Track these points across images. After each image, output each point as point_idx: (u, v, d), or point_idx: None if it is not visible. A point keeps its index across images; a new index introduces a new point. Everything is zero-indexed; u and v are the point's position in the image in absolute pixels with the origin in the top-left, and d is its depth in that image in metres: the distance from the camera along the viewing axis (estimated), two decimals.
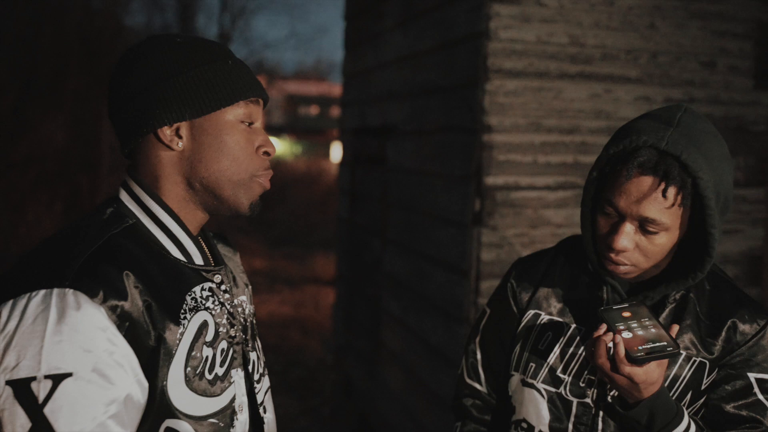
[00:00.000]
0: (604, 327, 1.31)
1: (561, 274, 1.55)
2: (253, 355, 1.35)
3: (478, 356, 1.64)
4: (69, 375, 1.06)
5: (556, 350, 1.48)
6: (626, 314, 1.32)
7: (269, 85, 26.72)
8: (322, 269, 10.94)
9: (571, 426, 1.44)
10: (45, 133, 13.58)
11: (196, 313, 1.21)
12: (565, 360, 1.47)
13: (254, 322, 1.40)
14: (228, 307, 1.29)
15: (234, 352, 1.28)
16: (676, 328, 1.35)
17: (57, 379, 1.06)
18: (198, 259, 1.28)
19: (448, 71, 3.92)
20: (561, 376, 1.46)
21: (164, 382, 1.15)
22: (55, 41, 14.16)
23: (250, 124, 1.27)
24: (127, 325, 1.12)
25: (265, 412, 1.36)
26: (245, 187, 1.26)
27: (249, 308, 1.39)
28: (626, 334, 1.28)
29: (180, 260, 1.24)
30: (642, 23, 3.63)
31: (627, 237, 1.35)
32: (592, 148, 3.59)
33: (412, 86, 4.53)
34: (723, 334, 1.41)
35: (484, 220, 3.49)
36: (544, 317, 1.52)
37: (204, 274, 1.27)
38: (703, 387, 1.41)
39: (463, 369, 1.67)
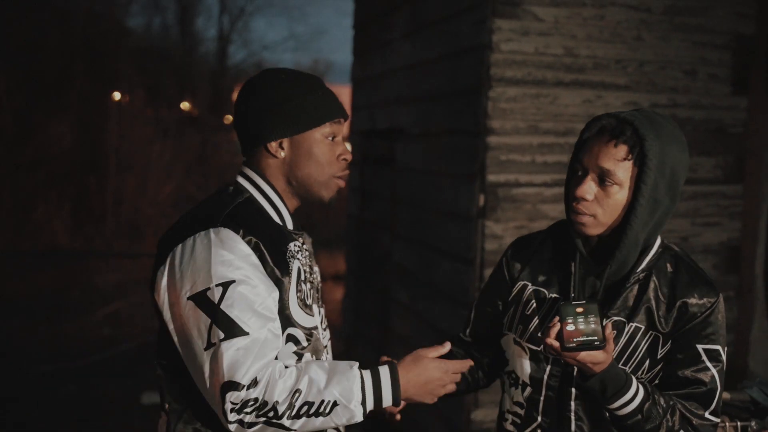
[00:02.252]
0: (557, 318, 1.59)
1: (548, 253, 1.84)
2: (322, 310, 1.77)
3: (472, 315, 1.97)
4: (233, 281, 1.51)
5: (538, 315, 1.78)
6: (579, 310, 1.58)
7: None
8: (325, 266, 11.20)
9: (546, 376, 1.75)
10: (52, 134, 13.82)
11: (294, 259, 1.65)
12: (545, 323, 1.76)
13: (321, 289, 1.81)
14: (309, 260, 1.73)
15: (314, 292, 1.72)
16: (609, 326, 1.60)
17: (225, 285, 1.50)
18: (290, 226, 1.71)
19: (454, 79, 4.26)
20: (540, 336, 1.75)
21: (287, 301, 1.60)
22: (60, 44, 14.40)
23: (333, 138, 1.69)
24: (258, 255, 1.57)
25: (327, 353, 1.77)
26: (326, 186, 1.70)
27: (319, 279, 1.80)
28: (570, 327, 1.56)
29: (279, 224, 1.68)
30: (630, 35, 3.98)
31: (588, 187, 1.64)
32: None
33: (419, 92, 4.86)
34: (676, 312, 1.67)
35: (488, 213, 3.85)
36: (531, 287, 1.82)
37: (294, 235, 1.70)
38: (659, 356, 1.68)
39: (462, 324, 2.00)
